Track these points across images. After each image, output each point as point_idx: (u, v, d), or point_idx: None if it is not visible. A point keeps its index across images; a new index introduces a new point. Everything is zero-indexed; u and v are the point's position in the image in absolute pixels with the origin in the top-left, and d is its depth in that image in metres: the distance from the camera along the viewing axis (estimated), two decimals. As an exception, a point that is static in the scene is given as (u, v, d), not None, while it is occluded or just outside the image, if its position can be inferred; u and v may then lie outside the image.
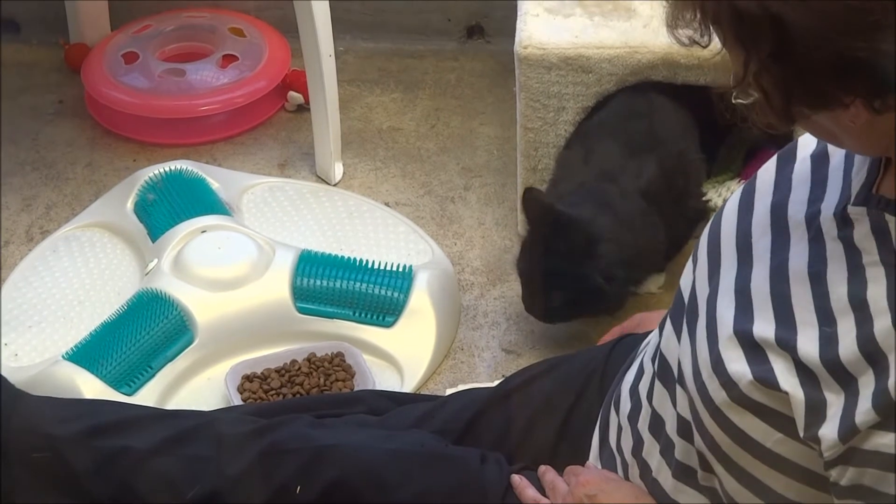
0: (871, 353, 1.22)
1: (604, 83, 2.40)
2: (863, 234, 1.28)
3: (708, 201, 2.41)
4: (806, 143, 1.45)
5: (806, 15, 1.11)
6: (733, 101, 1.28)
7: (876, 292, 1.23)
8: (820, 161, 1.40)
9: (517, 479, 1.70)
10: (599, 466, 1.66)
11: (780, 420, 1.30)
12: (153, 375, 2.26)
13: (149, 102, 2.88)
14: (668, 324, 1.53)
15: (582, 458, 1.70)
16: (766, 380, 1.30)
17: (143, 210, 2.55)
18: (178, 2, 3.15)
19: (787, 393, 1.28)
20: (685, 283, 1.52)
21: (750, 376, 1.31)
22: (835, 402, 1.24)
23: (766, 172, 1.47)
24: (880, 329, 1.22)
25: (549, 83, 2.41)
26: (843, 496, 1.26)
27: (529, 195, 2.27)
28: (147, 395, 2.23)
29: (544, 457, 1.74)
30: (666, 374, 1.50)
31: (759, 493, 1.37)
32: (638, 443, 1.56)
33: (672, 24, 1.25)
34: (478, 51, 3.18)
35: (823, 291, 1.28)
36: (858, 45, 1.11)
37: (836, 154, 1.38)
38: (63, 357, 2.25)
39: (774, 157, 1.48)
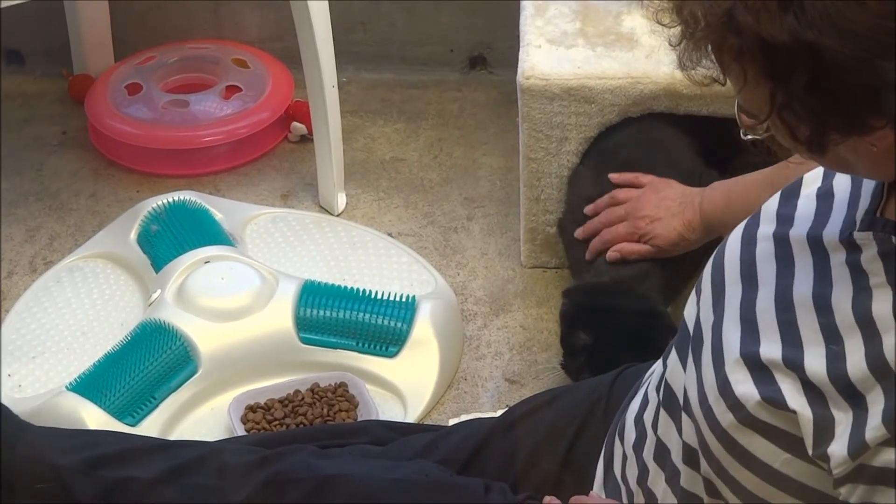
0: (880, 369, 1.22)
1: (606, 113, 2.41)
2: (869, 257, 1.28)
3: None
4: (811, 181, 1.45)
5: (841, 41, 1.11)
6: (743, 137, 1.28)
7: (883, 309, 1.24)
8: (825, 197, 1.40)
9: (522, 509, 1.70)
10: (604, 496, 1.66)
11: (788, 440, 1.30)
12: (157, 406, 2.26)
13: (152, 133, 2.89)
14: (673, 353, 1.53)
15: (586, 488, 1.70)
16: (773, 399, 1.30)
17: (147, 241, 2.56)
18: (182, 33, 3.17)
19: (795, 412, 1.28)
20: (689, 313, 1.52)
21: (758, 397, 1.31)
22: (843, 419, 1.24)
23: (770, 206, 1.47)
24: (889, 346, 1.22)
25: (551, 113, 2.41)
26: None
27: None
28: (150, 426, 2.23)
29: (548, 486, 1.74)
30: (671, 403, 1.50)
31: None
32: (643, 472, 1.56)
33: (683, 66, 1.25)
34: (480, 81, 3.18)
35: (829, 313, 1.29)
36: (894, 67, 1.11)
37: (841, 190, 1.39)
38: (67, 388, 2.25)
39: (778, 194, 1.48)
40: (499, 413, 1.99)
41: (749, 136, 1.27)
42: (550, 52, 2.45)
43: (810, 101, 1.15)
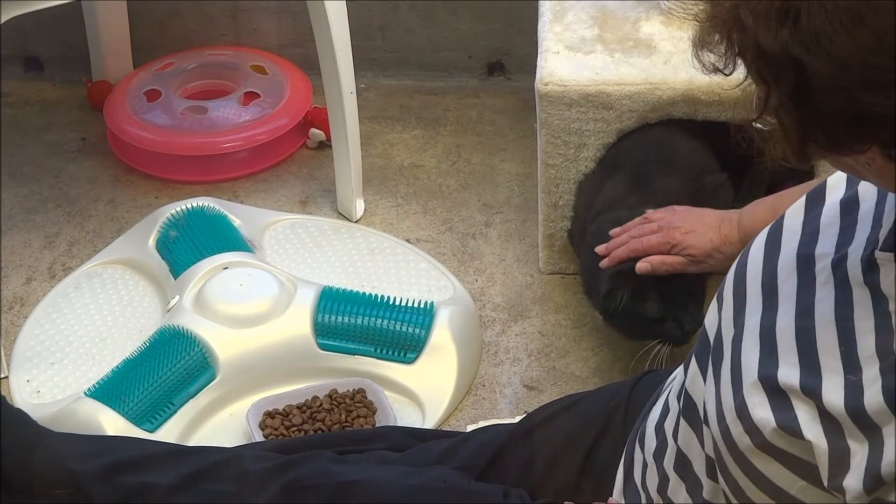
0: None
1: (624, 120, 2.40)
2: (889, 280, 1.26)
3: None
4: (835, 186, 1.43)
5: (825, 64, 1.10)
6: (754, 126, 1.28)
7: None
8: (849, 207, 1.38)
9: (541, 514, 1.70)
10: (623, 502, 1.66)
11: (804, 468, 1.29)
12: (175, 412, 2.26)
13: (171, 140, 2.89)
14: (693, 363, 1.51)
15: (605, 494, 1.69)
16: (789, 428, 1.28)
17: (165, 247, 2.56)
18: (200, 39, 3.17)
19: (810, 442, 1.27)
20: (710, 322, 1.50)
21: (774, 423, 1.30)
22: (859, 451, 1.23)
23: (794, 213, 1.45)
24: None
25: (569, 120, 2.41)
26: None
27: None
28: (169, 432, 2.24)
29: (567, 493, 1.74)
30: (692, 413, 1.49)
31: None
32: (663, 481, 1.55)
33: (698, 44, 1.24)
34: (499, 88, 3.18)
35: (850, 339, 1.27)
36: (876, 101, 1.09)
37: (867, 199, 1.37)
38: (85, 394, 2.26)
39: (803, 199, 1.46)
40: (517, 419, 1.98)
41: (759, 126, 1.27)
42: (569, 58, 2.45)
43: (794, 112, 1.15)
